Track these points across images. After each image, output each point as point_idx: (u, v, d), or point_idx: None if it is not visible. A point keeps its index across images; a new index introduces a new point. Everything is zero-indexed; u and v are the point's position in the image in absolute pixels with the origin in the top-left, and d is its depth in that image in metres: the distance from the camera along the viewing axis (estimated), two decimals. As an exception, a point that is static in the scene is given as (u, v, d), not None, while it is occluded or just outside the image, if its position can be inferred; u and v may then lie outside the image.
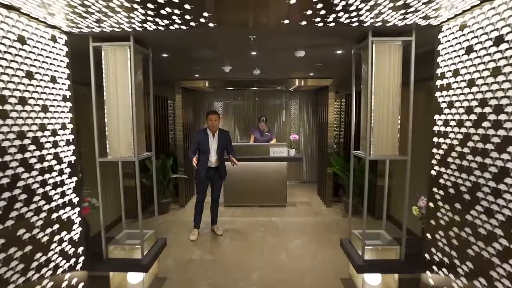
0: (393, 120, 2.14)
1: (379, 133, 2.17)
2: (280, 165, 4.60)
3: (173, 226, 3.91)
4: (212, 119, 3.40)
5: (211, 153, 3.43)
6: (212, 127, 3.40)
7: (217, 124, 3.45)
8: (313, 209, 4.60)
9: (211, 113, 3.44)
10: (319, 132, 5.17)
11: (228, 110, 6.31)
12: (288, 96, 6.25)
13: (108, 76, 2.17)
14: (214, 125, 3.40)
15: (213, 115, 3.42)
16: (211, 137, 3.45)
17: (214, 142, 3.45)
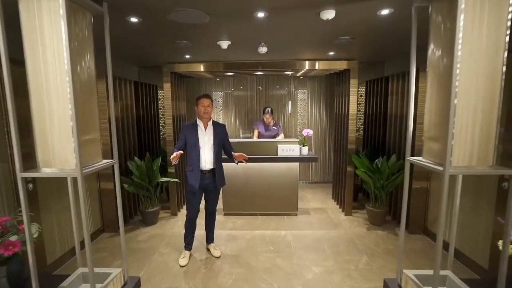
0: (489, 113, 1.32)
1: (462, 132, 1.36)
2: (290, 166, 3.81)
3: (160, 243, 3.17)
4: (205, 104, 2.64)
5: (203, 150, 2.66)
6: (205, 114, 2.64)
7: (210, 111, 2.68)
8: (330, 218, 3.84)
9: (203, 96, 2.68)
10: (337, 126, 4.35)
11: (229, 101, 5.49)
12: (295, 85, 5.41)
13: (32, 45, 1.36)
14: (207, 111, 2.64)
15: (205, 98, 2.66)
16: (203, 129, 2.68)
17: (207, 134, 2.69)
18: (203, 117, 2.66)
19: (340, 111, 4.17)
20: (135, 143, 3.91)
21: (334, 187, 4.58)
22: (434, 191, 3.16)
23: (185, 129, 2.69)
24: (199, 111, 2.66)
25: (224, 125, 2.84)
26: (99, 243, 3.19)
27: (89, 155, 1.53)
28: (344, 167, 3.95)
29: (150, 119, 4.48)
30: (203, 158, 2.66)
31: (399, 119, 3.52)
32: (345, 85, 3.89)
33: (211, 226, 2.96)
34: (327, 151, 5.53)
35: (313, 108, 5.45)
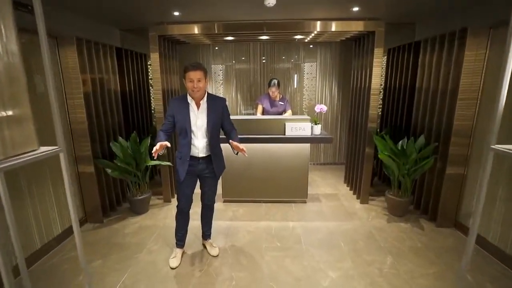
0: None
1: None
2: (299, 147, 3.29)
3: (150, 236, 2.75)
4: (193, 78, 2.01)
5: (195, 134, 2.13)
6: (195, 91, 2.04)
7: (203, 87, 2.08)
8: (344, 207, 3.38)
9: (190, 68, 2.02)
10: (353, 102, 3.77)
11: (230, 74, 4.85)
12: (303, 56, 4.73)
13: None
14: (197, 88, 2.03)
15: (193, 71, 2.01)
16: (195, 109, 2.12)
17: (200, 116, 2.12)
18: (192, 96, 2.09)
19: (358, 85, 3.56)
20: (120, 121, 3.38)
21: (347, 170, 4.09)
22: (472, 179, 2.65)
23: (173, 106, 2.13)
24: (187, 88, 2.07)
25: (224, 99, 2.27)
26: (80, 236, 2.78)
27: (11, 142, 1.01)
28: (362, 148, 3.43)
29: (139, 94, 3.91)
30: (195, 146, 2.14)
31: (432, 94, 2.93)
32: (367, 55, 3.26)
33: (208, 221, 2.52)
34: (338, 129, 4.98)
35: (324, 82, 4.82)
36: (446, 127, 2.73)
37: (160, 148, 1.91)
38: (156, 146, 1.90)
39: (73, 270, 2.26)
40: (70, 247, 2.59)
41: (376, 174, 4.17)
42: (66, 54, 2.59)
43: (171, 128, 2.13)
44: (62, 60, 2.60)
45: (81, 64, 2.68)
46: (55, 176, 2.62)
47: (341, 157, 5.10)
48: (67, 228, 2.75)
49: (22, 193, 2.27)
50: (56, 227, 2.63)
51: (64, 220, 2.74)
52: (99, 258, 2.42)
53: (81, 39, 2.66)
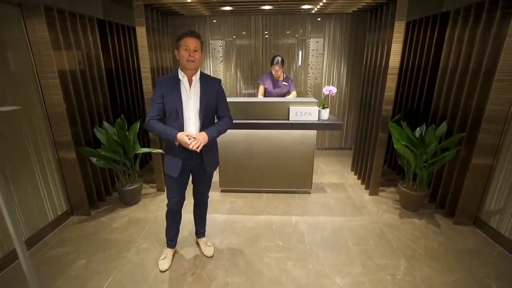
0: None
1: None
2: (304, 133, 2.97)
3: (139, 232, 2.53)
4: (190, 46, 1.70)
5: (187, 118, 1.80)
6: (190, 62, 1.71)
7: (199, 59, 1.75)
8: (352, 198, 3.12)
9: (187, 34, 1.72)
10: (365, 82, 3.38)
11: (230, 50, 4.40)
12: (310, 31, 4.25)
13: None
14: (193, 58, 1.71)
15: (190, 38, 1.71)
16: (187, 86, 1.79)
17: (193, 95, 1.80)
18: (187, 67, 1.74)
19: (373, 63, 3.15)
20: (106, 103, 3.04)
21: (355, 158, 3.78)
22: (501, 171, 2.33)
23: (161, 86, 1.78)
24: (182, 57, 1.73)
25: (219, 81, 1.92)
26: (64, 231, 2.56)
27: None
28: (374, 133, 3.09)
29: (128, 72, 3.53)
30: (188, 128, 1.82)
31: (460, 75, 2.54)
32: (385, 29, 2.83)
33: (202, 218, 2.27)
34: (346, 111, 4.61)
35: (332, 60, 4.37)
36: (475, 112, 2.38)
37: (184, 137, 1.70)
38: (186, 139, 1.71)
39: (52, 273, 2.04)
40: (53, 244, 2.38)
41: (386, 162, 3.88)
42: (34, 27, 2.21)
43: (161, 111, 1.81)
44: (30, 34, 2.22)
45: (53, 38, 2.31)
46: (37, 163, 2.35)
47: (348, 142, 4.77)
48: (52, 221, 2.53)
49: None
50: (39, 220, 2.41)
51: (50, 211, 2.52)
52: (83, 257, 2.21)
53: (51, 8, 2.26)
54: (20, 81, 2.21)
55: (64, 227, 2.63)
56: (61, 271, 2.07)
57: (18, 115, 2.21)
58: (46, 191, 2.49)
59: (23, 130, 2.24)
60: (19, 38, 2.20)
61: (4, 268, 2.06)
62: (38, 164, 2.39)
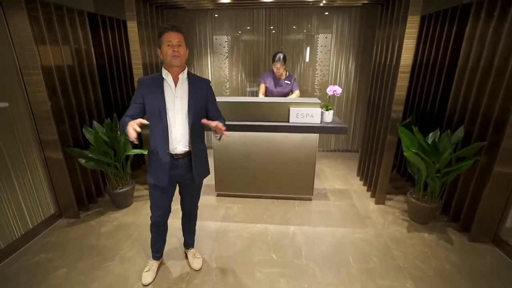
0: None
1: None
2: (306, 136, 2.76)
3: (127, 238, 2.39)
4: (173, 41, 1.53)
5: (172, 121, 1.63)
6: (174, 58, 1.54)
7: (184, 54, 1.58)
8: (356, 207, 2.90)
9: (169, 28, 1.53)
10: (374, 81, 3.13)
11: (233, 47, 4.20)
12: (317, 26, 3.99)
13: None
14: (177, 53, 1.53)
15: (172, 32, 1.53)
16: (172, 86, 1.61)
17: (179, 95, 1.62)
18: (172, 64, 1.56)
19: (382, 60, 2.90)
20: (98, 100, 2.91)
21: (361, 162, 3.55)
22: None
23: (143, 86, 1.61)
24: (165, 54, 1.55)
25: (208, 81, 1.75)
26: (51, 234, 2.46)
27: None
28: (382, 136, 2.85)
29: (123, 69, 3.39)
30: (174, 135, 1.65)
31: (481, 74, 2.27)
32: (397, 23, 2.57)
33: (190, 229, 2.10)
34: (354, 111, 4.36)
35: (340, 57, 4.12)
36: (499, 114, 2.11)
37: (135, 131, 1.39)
38: (130, 129, 1.38)
39: (31, 283, 1.93)
40: (37, 249, 2.27)
41: (395, 167, 3.62)
42: (15, 21, 2.07)
43: (139, 112, 1.63)
44: (11, 28, 2.09)
45: (37, 33, 2.17)
46: (24, 163, 2.25)
47: (355, 144, 4.52)
48: (37, 225, 2.43)
49: None
50: (25, 223, 2.31)
51: (38, 214, 2.42)
52: (65, 265, 2.09)
53: (34, 1, 2.12)
54: (3, 77, 2.10)
55: (52, 230, 2.52)
56: (41, 280, 1.95)
57: (3, 113, 2.10)
58: (34, 192, 2.39)
59: (7, 128, 2.13)
60: (0, 32, 2.07)
61: (-19, 275, 1.96)
62: (26, 164, 2.29)
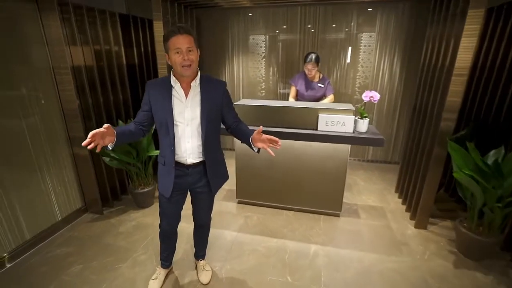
0: None
1: None
2: (336, 147, 2.48)
3: (143, 240, 2.37)
4: (181, 47, 1.34)
5: (182, 133, 1.50)
6: (185, 68, 1.37)
7: (195, 60, 1.40)
8: (391, 229, 2.53)
9: (176, 31, 1.34)
10: (424, 84, 2.72)
11: (271, 47, 4.00)
12: (359, 24, 3.63)
13: None
14: (189, 61, 1.36)
15: (180, 35, 1.34)
16: (182, 95, 1.47)
17: (190, 104, 1.47)
18: (183, 74, 1.41)
19: (433, 61, 2.50)
20: (127, 101, 2.97)
21: (401, 176, 3.13)
22: None
23: (150, 91, 1.49)
24: (174, 63, 1.39)
25: (224, 84, 1.58)
26: (75, 228, 2.55)
27: None
28: (429, 148, 2.45)
29: (150, 68, 3.43)
30: (183, 149, 1.52)
31: None
32: (453, 19, 2.17)
33: (202, 241, 1.98)
34: (397, 118, 3.90)
35: (383, 57, 3.70)
36: None
37: (95, 136, 1.23)
38: (93, 131, 1.24)
39: (47, 276, 1.99)
40: (60, 242, 2.36)
41: (443, 185, 3.13)
42: (49, 23, 2.16)
43: (146, 120, 1.54)
44: (45, 29, 2.19)
45: (68, 34, 2.25)
46: (54, 157, 2.39)
47: (396, 155, 4.05)
48: (64, 217, 2.55)
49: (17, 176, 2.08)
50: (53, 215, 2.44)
51: (64, 208, 2.54)
52: (81, 262, 2.12)
53: (66, 3, 2.19)
54: (40, 75, 2.22)
55: (77, 224, 2.62)
56: (56, 274, 2.00)
57: (40, 109, 2.24)
58: (62, 186, 2.51)
59: (44, 124, 2.28)
60: (37, 34, 2.18)
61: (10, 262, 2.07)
62: (55, 158, 2.42)
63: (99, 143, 1.27)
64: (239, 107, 2.57)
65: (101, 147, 1.29)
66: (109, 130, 1.31)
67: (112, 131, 1.34)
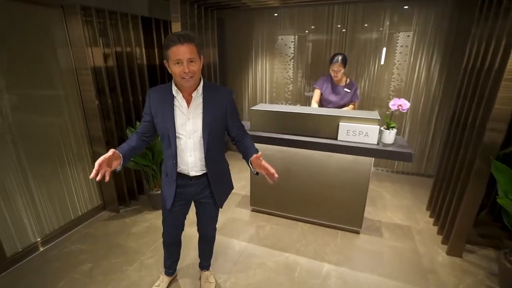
0: None
1: None
2: (358, 158, 2.27)
3: (152, 243, 2.36)
4: (181, 58, 1.24)
5: (183, 143, 1.43)
6: (185, 79, 1.29)
7: (198, 71, 1.32)
8: (418, 253, 2.26)
9: (176, 41, 1.23)
10: (466, 89, 2.39)
11: (299, 49, 3.83)
12: (395, 22, 3.31)
13: None
14: (190, 73, 1.27)
15: (180, 45, 1.23)
16: (183, 105, 1.39)
17: (192, 116, 1.40)
18: (184, 85, 1.32)
19: (478, 64, 2.17)
20: (146, 101, 3.00)
21: (434, 191, 2.80)
22: None
23: (152, 100, 1.42)
24: (174, 74, 1.30)
25: (229, 92, 1.47)
26: (92, 225, 2.63)
27: None
28: (469, 163, 2.14)
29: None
30: (185, 161, 1.45)
31: None
32: (506, 16, 1.85)
33: (206, 252, 1.91)
34: (432, 125, 3.52)
35: (420, 59, 3.35)
36: None
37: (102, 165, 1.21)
38: (99, 159, 1.21)
39: (59, 272, 2.05)
40: (76, 238, 2.44)
41: (485, 207, 2.73)
42: (72, 26, 2.23)
43: (148, 131, 1.49)
44: (70, 32, 2.26)
45: (90, 36, 2.31)
46: (74, 158, 2.51)
47: (430, 167, 3.67)
48: (84, 213, 2.65)
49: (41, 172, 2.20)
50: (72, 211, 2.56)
51: (83, 204, 2.65)
52: (92, 261, 2.17)
53: (89, 8, 2.25)
54: (65, 76, 2.33)
55: (94, 221, 2.70)
56: (67, 271, 2.06)
57: (68, 108, 2.38)
58: (84, 183, 2.63)
59: (70, 123, 2.42)
60: (62, 37, 2.27)
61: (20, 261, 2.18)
62: (79, 155, 2.54)
63: (107, 170, 1.24)
64: (255, 112, 2.47)
65: (109, 173, 1.25)
66: (114, 155, 1.28)
67: (117, 154, 1.31)
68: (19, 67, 2.01)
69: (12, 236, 2.10)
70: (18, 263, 2.12)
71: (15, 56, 1.98)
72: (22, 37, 2.00)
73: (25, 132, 2.09)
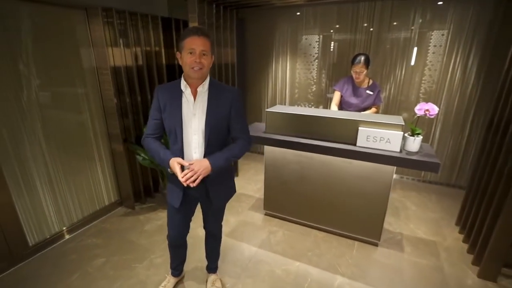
0: None
1: None
2: (378, 166, 2.11)
3: (162, 242, 2.37)
4: (195, 48, 1.27)
5: (189, 141, 1.41)
6: (195, 70, 1.29)
7: (207, 65, 1.32)
8: (443, 273, 2.05)
9: (192, 32, 1.27)
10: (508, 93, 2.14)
11: (327, 49, 3.69)
12: (427, 20, 3.07)
13: None
14: (200, 64, 1.29)
15: (196, 36, 1.27)
16: (190, 96, 1.38)
17: (198, 111, 1.38)
18: (191, 76, 1.33)
19: (521, 66, 1.93)
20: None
21: (466, 204, 2.55)
22: None
23: (161, 95, 1.42)
24: (184, 64, 1.32)
25: (236, 91, 1.45)
26: (108, 220, 2.70)
27: None
28: (507, 175, 1.91)
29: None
30: (189, 157, 1.43)
31: None
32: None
33: (213, 253, 1.88)
34: (467, 132, 3.22)
35: (455, 60, 3.08)
36: None
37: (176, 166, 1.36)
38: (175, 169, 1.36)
39: (74, 265, 2.12)
40: (93, 232, 2.52)
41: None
42: (94, 27, 2.30)
43: (158, 129, 1.48)
44: (92, 33, 2.34)
45: (111, 36, 2.37)
46: (96, 154, 2.62)
47: (461, 177, 3.36)
48: (102, 208, 2.74)
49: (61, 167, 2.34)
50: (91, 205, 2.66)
51: (103, 198, 2.76)
52: (105, 255, 2.22)
53: (110, 9, 2.31)
54: (87, 75, 2.42)
55: (111, 216, 2.78)
56: (81, 264, 2.12)
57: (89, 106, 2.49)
58: (104, 179, 2.72)
59: (92, 120, 2.53)
60: (86, 37, 2.35)
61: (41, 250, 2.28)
62: (99, 152, 2.64)
63: None
64: (271, 114, 2.39)
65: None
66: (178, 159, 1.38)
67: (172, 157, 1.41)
68: (49, 67, 2.12)
69: (35, 226, 2.21)
70: (38, 252, 2.22)
71: (47, 57, 2.09)
72: (50, 38, 2.09)
73: (52, 128, 2.21)
